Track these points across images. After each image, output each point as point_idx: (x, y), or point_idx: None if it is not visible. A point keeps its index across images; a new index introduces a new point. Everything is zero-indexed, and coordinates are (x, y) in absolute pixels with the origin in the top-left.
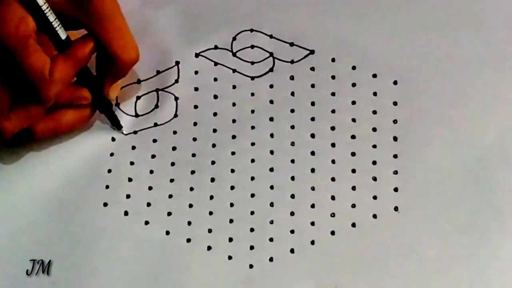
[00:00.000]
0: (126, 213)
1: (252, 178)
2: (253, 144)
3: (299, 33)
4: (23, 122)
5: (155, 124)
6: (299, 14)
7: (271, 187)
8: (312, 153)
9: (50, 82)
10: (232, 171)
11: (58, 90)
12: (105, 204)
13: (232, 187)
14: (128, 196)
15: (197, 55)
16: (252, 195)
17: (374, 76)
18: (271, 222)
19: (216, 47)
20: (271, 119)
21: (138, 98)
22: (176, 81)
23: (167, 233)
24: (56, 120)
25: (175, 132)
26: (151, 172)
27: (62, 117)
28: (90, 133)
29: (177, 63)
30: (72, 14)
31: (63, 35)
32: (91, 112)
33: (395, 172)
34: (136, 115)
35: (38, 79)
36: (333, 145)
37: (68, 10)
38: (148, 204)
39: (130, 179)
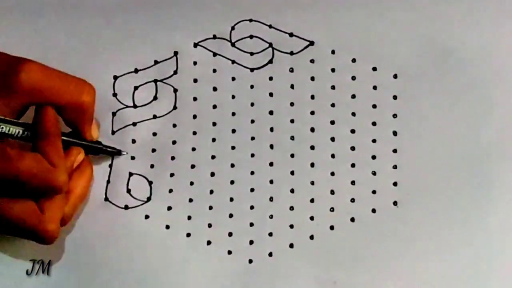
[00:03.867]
0: (126, 208)
1: (252, 173)
2: (252, 138)
3: (298, 23)
4: (60, 213)
5: (154, 116)
6: (298, 4)
7: (271, 182)
8: (312, 147)
9: (56, 169)
10: (232, 165)
11: (65, 170)
12: (106, 199)
13: (232, 182)
14: (128, 191)
15: (195, 45)
16: (252, 190)
17: (374, 69)
18: (271, 216)
19: (214, 37)
20: (271, 112)
21: (136, 88)
22: (175, 72)
23: (167, 227)
24: (72, 197)
25: (174, 125)
26: (152, 166)
27: (74, 191)
28: None
29: (176, 53)
30: (13, 105)
31: (17, 131)
32: (91, 168)
33: (395, 167)
34: (135, 106)
35: (44, 174)
36: (332, 139)
37: (7, 105)
38: (148, 199)
39: (130, 174)
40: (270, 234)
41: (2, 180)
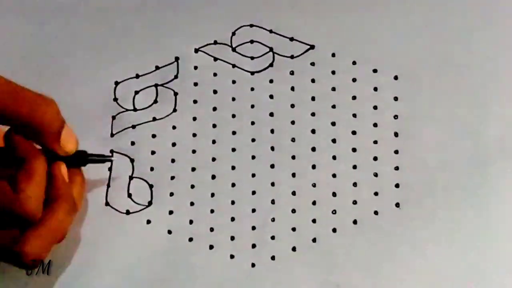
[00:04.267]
0: (127, 213)
1: (253, 175)
2: (253, 140)
3: (299, 28)
4: (44, 240)
5: (154, 119)
6: (299, 8)
7: (272, 184)
8: (313, 149)
9: (21, 198)
10: (233, 168)
11: (37, 202)
12: (107, 204)
13: (233, 184)
14: (129, 195)
15: (196, 50)
16: (253, 193)
17: (375, 71)
18: (273, 220)
19: (215, 42)
20: (271, 114)
21: (137, 92)
22: (176, 77)
23: (169, 232)
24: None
25: (174, 127)
26: (152, 169)
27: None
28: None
29: (177, 59)
30: None
31: None
32: (81, 176)
33: (396, 168)
34: (135, 110)
35: (11, 204)
36: (333, 141)
37: None
38: (149, 203)
39: (130, 178)
40: (273, 238)
41: None
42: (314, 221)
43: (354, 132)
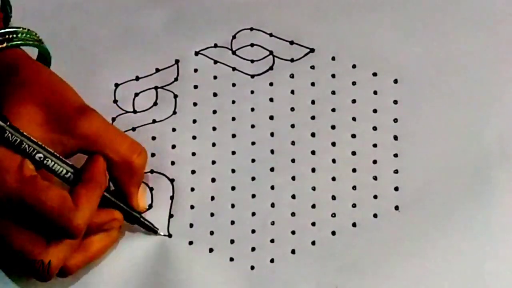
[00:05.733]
0: None
1: (253, 179)
2: (253, 143)
3: (299, 31)
4: (65, 256)
5: (154, 121)
6: (299, 12)
7: (272, 187)
8: (313, 152)
9: (77, 211)
10: (233, 171)
11: (88, 218)
12: None
13: (233, 188)
14: None
15: (196, 53)
16: (253, 196)
17: (374, 74)
18: (272, 223)
19: (215, 46)
20: (271, 117)
21: (137, 95)
22: (176, 79)
23: (170, 236)
24: (85, 252)
25: (174, 130)
26: (151, 172)
27: (90, 247)
28: None
29: (177, 61)
30: (65, 145)
31: (61, 169)
32: (119, 233)
33: (396, 171)
34: (134, 112)
35: (63, 213)
36: (333, 144)
37: (60, 143)
38: (150, 206)
39: None
40: (272, 241)
41: (21, 205)
42: (313, 224)
43: (353, 136)
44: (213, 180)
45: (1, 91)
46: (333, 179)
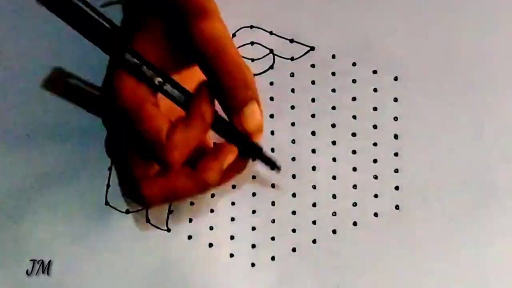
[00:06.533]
0: (127, 212)
1: (253, 177)
2: None
3: (299, 29)
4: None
5: None
6: (299, 10)
7: (272, 186)
8: (313, 150)
9: (168, 146)
10: None
11: (182, 154)
12: (106, 203)
13: (234, 186)
14: None
15: None
16: (254, 194)
17: (375, 72)
18: (273, 221)
19: None
20: (271, 116)
21: None
22: None
23: (169, 230)
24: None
25: None
26: None
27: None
28: None
29: None
30: (184, 61)
31: (179, 95)
32: (244, 165)
33: (396, 170)
34: None
35: (155, 145)
36: (333, 142)
37: (180, 61)
38: None
39: None
40: (273, 238)
41: (126, 126)
42: (314, 222)
43: (354, 134)
44: None
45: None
46: (334, 177)
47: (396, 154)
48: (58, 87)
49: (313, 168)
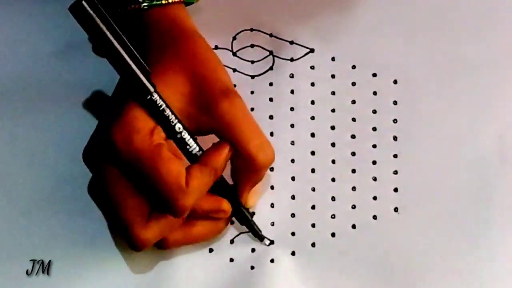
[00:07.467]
0: None
1: None
2: None
3: (298, 31)
4: (163, 232)
5: None
6: (298, 12)
7: (271, 188)
8: (312, 152)
9: (187, 192)
10: None
11: (194, 201)
12: None
13: None
14: None
15: None
16: None
17: (374, 75)
18: (272, 224)
19: (216, 47)
20: (271, 117)
21: None
22: None
23: None
24: (186, 232)
25: None
26: None
27: (193, 229)
28: None
29: None
30: (200, 122)
31: (193, 145)
32: (225, 224)
33: (395, 172)
34: None
35: (174, 190)
36: (333, 144)
37: (196, 119)
38: None
39: None
40: (272, 242)
41: (140, 169)
42: (313, 225)
43: (353, 136)
44: None
45: (154, 53)
46: (333, 180)
47: (395, 156)
48: None
49: (312, 170)
